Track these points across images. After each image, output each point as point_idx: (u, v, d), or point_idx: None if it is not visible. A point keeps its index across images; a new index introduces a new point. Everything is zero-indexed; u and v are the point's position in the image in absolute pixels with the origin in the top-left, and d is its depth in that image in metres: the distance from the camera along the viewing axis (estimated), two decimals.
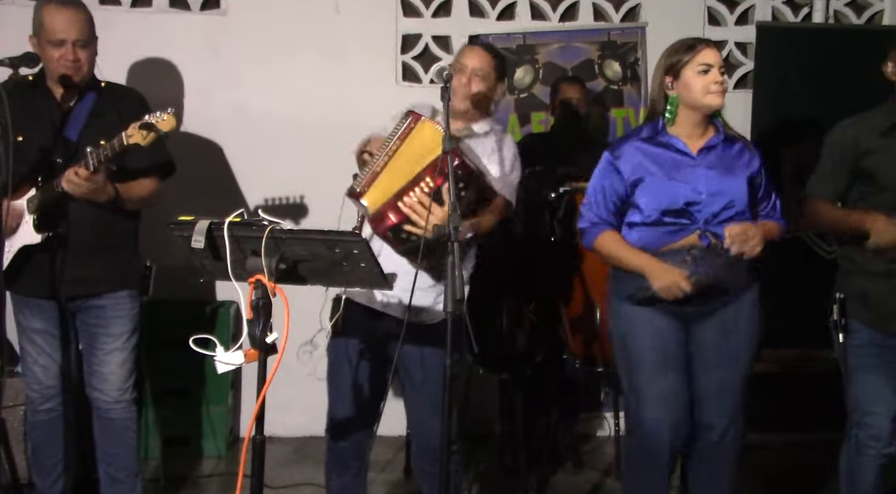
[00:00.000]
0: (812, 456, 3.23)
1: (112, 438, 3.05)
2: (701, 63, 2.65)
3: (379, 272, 2.15)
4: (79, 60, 2.89)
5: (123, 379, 3.02)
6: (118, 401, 3.02)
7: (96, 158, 2.68)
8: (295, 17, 4.27)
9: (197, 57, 4.19)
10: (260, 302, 2.03)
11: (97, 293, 2.98)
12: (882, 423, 2.79)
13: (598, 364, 3.51)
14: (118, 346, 3.00)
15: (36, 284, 2.93)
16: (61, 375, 3.03)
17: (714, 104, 2.67)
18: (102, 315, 2.99)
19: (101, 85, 3.04)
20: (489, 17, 4.49)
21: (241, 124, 4.23)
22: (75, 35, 2.87)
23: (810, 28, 4.49)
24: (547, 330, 3.61)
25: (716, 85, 2.64)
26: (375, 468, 3.88)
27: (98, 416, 3.04)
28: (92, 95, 2.98)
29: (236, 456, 4.02)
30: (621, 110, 4.49)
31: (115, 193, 2.85)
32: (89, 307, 2.99)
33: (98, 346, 3.00)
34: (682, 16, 4.50)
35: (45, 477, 3.08)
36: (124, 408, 3.04)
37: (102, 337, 3.00)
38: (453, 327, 2.15)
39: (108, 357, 2.99)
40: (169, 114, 2.65)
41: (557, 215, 3.51)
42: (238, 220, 2.10)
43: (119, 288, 3.00)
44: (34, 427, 3.08)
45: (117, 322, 3.00)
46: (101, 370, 3.00)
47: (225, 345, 2.08)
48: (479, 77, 2.74)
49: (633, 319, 2.76)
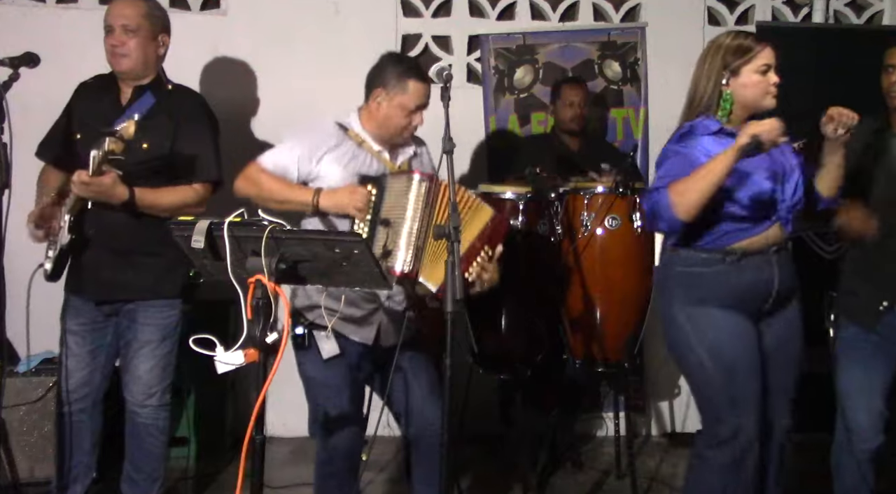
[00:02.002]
0: (812, 456, 3.22)
1: (135, 439, 3.06)
2: (763, 63, 2.59)
3: (379, 272, 2.15)
4: (124, 45, 2.87)
5: (150, 384, 3.01)
6: (143, 405, 3.02)
7: (98, 158, 2.67)
8: (295, 17, 4.28)
9: (197, 57, 4.19)
10: (260, 302, 2.03)
11: (128, 298, 2.97)
12: (860, 417, 2.88)
13: (598, 364, 3.51)
14: (146, 353, 3.00)
15: (73, 283, 2.97)
16: (86, 382, 3.02)
17: (770, 105, 2.63)
18: (133, 320, 2.99)
19: (166, 86, 3.03)
20: (489, 17, 4.50)
21: (240, 124, 4.22)
22: (121, 20, 2.86)
23: (810, 28, 4.50)
24: (547, 330, 3.61)
25: (773, 86, 2.61)
26: (375, 468, 3.89)
27: (128, 416, 3.07)
28: (150, 95, 2.96)
29: (236, 456, 4.02)
30: (621, 110, 4.49)
31: (130, 196, 2.82)
32: (122, 311, 3.00)
33: (127, 349, 3.02)
34: (682, 16, 4.51)
35: (62, 477, 3.07)
36: (150, 412, 3.03)
37: (131, 341, 3.00)
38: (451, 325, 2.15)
39: (134, 360, 3.00)
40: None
41: (557, 215, 3.52)
42: (238, 220, 2.10)
43: (151, 297, 2.98)
44: (61, 424, 3.05)
45: (146, 329, 2.99)
46: (129, 371, 3.02)
47: (225, 345, 2.08)
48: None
49: (718, 325, 2.64)
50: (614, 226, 3.43)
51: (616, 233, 3.44)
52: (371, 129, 2.78)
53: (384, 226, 2.57)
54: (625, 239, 3.45)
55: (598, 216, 3.43)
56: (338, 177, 2.69)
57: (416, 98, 2.72)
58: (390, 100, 2.72)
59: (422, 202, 2.55)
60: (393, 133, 2.77)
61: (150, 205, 2.89)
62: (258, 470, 2.10)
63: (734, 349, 2.63)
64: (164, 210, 2.92)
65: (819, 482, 3.16)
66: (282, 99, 4.24)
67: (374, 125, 2.78)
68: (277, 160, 2.73)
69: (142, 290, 2.97)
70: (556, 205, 3.53)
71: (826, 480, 3.12)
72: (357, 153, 2.75)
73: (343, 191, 2.63)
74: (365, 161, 2.75)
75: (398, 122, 2.73)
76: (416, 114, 2.74)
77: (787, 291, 2.69)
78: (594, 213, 3.43)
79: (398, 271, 2.53)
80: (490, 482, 3.83)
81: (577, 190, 3.51)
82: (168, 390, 3.08)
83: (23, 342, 3.46)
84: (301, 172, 2.72)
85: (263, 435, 2.10)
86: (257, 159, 2.75)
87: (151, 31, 2.94)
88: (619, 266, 3.46)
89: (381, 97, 2.74)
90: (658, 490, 3.83)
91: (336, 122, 2.80)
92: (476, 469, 3.89)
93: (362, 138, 2.78)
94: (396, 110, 2.72)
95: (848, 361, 2.93)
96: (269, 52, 4.25)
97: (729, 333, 2.63)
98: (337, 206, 2.63)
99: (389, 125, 2.75)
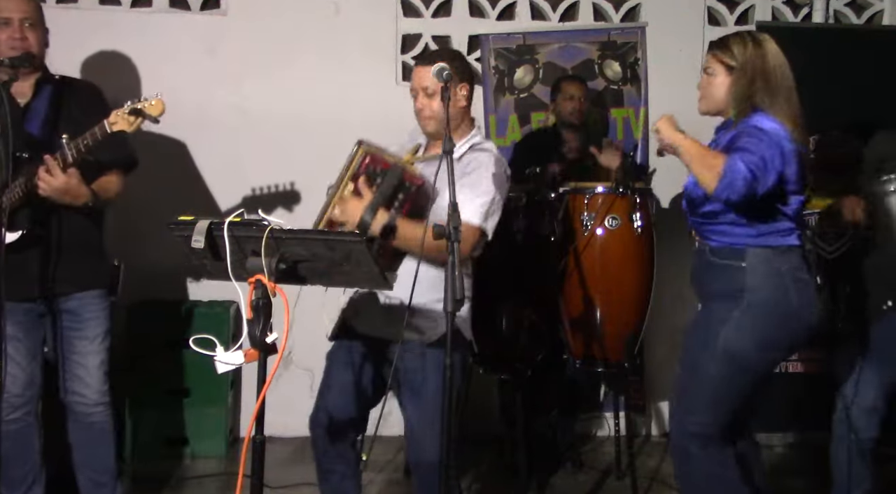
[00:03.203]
0: (812, 457, 3.23)
1: (93, 442, 2.99)
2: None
3: (379, 272, 2.15)
4: (27, 39, 2.82)
5: (102, 381, 2.96)
6: (98, 404, 2.96)
7: (75, 149, 2.63)
8: (295, 17, 4.28)
9: (197, 57, 4.19)
10: (260, 302, 2.03)
11: (67, 292, 2.89)
12: (858, 411, 2.97)
13: (598, 364, 3.51)
14: (94, 349, 2.94)
15: (8, 286, 2.69)
16: (29, 384, 2.91)
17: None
18: (76, 317, 2.91)
19: (55, 78, 2.97)
20: (489, 17, 4.50)
21: (241, 124, 4.23)
22: (21, 13, 2.82)
23: (810, 28, 4.49)
24: (547, 330, 3.61)
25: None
26: (375, 468, 3.88)
27: (76, 421, 2.97)
28: (48, 88, 2.91)
29: (236, 456, 4.02)
30: (621, 110, 4.48)
31: (93, 196, 2.78)
32: (61, 310, 2.91)
33: (75, 350, 2.92)
34: (682, 16, 4.51)
35: (15, 489, 2.95)
36: (103, 411, 2.98)
37: (77, 340, 2.92)
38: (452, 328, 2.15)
39: (85, 359, 2.92)
40: (157, 99, 2.60)
41: (557, 215, 3.52)
42: (238, 220, 2.09)
43: (89, 288, 2.92)
44: (3, 438, 2.82)
45: (91, 323, 2.93)
46: (79, 374, 2.92)
47: (225, 345, 2.08)
48: (427, 94, 2.68)
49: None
50: (614, 225, 3.43)
51: (616, 233, 3.44)
52: None
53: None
54: (625, 239, 3.45)
55: (598, 216, 3.43)
56: None
57: (414, 80, 2.73)
58: None
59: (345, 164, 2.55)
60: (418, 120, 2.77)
61: (103, 201, 2.86)
62: (258, 470, 2.10)
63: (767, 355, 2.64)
64: (106, 203, 2.90)
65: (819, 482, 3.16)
66: (282, 99, 4.24)
67: None
68: None
69: (81, 281, 2.90)
70: (556, 205, 3.53)
71: (826, 480, 3.12)
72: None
73: None
74: None
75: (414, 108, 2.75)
76: (418, 99, 2.72)
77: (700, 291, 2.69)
78: (594, 213, 3.43)
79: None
80: (490, 482, 3.83)
81: (577, 190, 3.51)
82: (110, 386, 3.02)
83: None
84: None
85: (263, 435, 2.10)
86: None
87: (43, 24, 2.91)
88: (619, 266, 3.46)
89: None
90: (658, 490, 3.83)
91: None
92: (476, 469, 3.89)
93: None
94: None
95: (847, 357, 2.99)
96: (268, 52, 4.25)
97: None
98: None
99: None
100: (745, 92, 2.54)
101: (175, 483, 3.76)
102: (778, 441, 4.31)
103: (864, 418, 2.99)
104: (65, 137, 2.65)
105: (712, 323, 2.57)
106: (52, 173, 2.65)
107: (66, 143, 2.64)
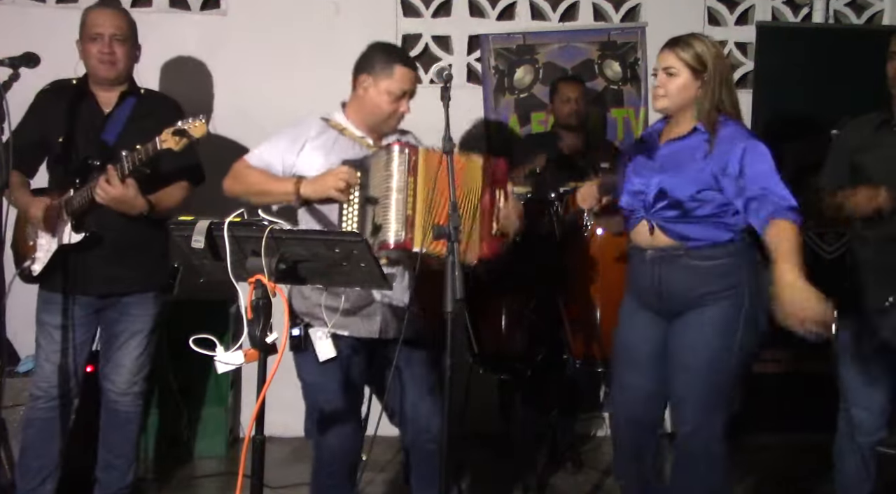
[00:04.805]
0: (812, 457, 3.22)
1: (116, 427, 3.13)
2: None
3: (379, 272, 2.15)
4: (114, 54, 2.97)
5: (134, 372, 3.10)
6: (125, 394, 3.10)
7: (131, 161, 2.75)
8: (295, 17, 4.27)
9: (197, 57, 4.19)
10: (260, 302, 2.03)
11: (128, 292, 3.06)
12: (862, 412, 2.94)
13: (598, 364, 3.51)
14: (136, 342, 3.09)
15: (67, 281, 2.99)
16: (69, 377, 3.05)
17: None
18: (126, 312, 3.07)
19: (140, 91, 3.12)
20: (489, 17, 4.50)
21: (240, 124, 4.22)
22: (112, 30, 2.97)
23: (810, 28, 4.49)
24: (547, 330, 3.61)
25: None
26: (375, 468, 3.88)
27: (106, 405, 3.13)
28: (131, 100, 3.07)
29: (236, 456, 4.02)
30: (621, 110, 4.49)
31: (149, 206, 2.92)
32: (115, 304, 3.07)
33: (116, 338, 3.08)
34: (682, 16, 4.50)
35: (29, 480, 3.04)
36: (131, 401, 3.12)
37: (120, 332, 3.08)
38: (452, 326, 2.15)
39: (123, 348, 3.08)
40: (201, 121, 2.70)
41: (558, 215, 3.51)
42: (238, 220, 2.10)
43: (146, 290, 3.09)
44: (29, 424, 3.09)
45: (139, 320, 3.09)
46: (115, 360, 3.08)
47: (225, 345, 2.08)
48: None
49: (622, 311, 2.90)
50: None
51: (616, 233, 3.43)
52: (357, 119, 2.79)
53: (372, 205, 2.56)
54: (625, 239, 3.44)
55: None
56: (320, 166, 2.67)
57: (402, 83, 2.71)
58: (377, 85, 2.72)
59: (405, 171, 2.52)
60: (380, 120, 2.76)
61: (161, 212, 2.98)
62: (258, 470, 2.10)
63: (618, 337, 2.84)
64: (168, 212, 3.01)
65: (819, 482, 3.16)
66: (282, 99, 4.22)
67: (361, 114, 2.78)
68: (262, 155, 2.76)
69: (138, 283, 3.07)
70: (556, 205, 3.53)
71: (826, 480, 3.12)
72: (339, 140, 2.76)
73: (322, 175, 2.61)
74: (346, 147, 2.74)
75: (385, 109, 2.73)
76: (402, 101, 2.72)
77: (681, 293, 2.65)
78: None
79: (392, 243, 2.49)
80: (490, 482, 3.82)
81: (578, 190, 3.50)
82: (147, 379, 3.17)
83: (23, 342, 3.49)
84: (285, 165, 2.73)
85: (263, 435, 2.10)
86: (243, 157, 2.78)
87: (134, 39, 3.07)
88: (619, 266, 3.45)
89: (368, 83, 2.73)
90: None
91: (320, 117, 2.82)
92: (476, 468, 3.89)
93: (343, 126, 2.78)
94: (383, 96, 2.71)
95: (851, 356, 2.95)
96: (269, 52, 4.25)
97: (622, 321, 2.84)
98: (317, 191, 2.60)
99: (377, 112, 2.74)
100: (715, 97, 2.57)
101: (175, 482, 3.76)
102: (778, 442, 4.30)
103: (872, 419, 2.95)
104: (125, 152, 2.78)
105: (727, 322, 2.60)
106: (111, 183, 2.80)
107: (126, 156, 2.77)
